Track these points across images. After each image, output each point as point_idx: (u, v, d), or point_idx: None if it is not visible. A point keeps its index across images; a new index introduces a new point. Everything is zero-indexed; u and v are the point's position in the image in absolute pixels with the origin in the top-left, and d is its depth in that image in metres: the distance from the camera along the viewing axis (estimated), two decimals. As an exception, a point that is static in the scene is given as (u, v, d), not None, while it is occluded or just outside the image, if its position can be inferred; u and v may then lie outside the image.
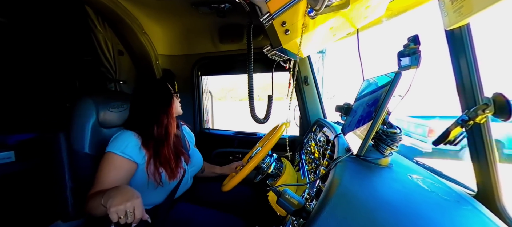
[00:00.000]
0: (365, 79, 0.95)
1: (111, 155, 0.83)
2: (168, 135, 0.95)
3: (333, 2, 0.65)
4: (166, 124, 0.96)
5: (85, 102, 0.98)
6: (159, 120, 0.95)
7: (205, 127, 2.22)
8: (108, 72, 1.71)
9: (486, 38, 7.97)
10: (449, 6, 0.56)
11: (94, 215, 0.76)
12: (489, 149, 0.60)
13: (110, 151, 0.84)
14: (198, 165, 1.16)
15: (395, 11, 1.01)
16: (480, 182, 0.63)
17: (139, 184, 0.90)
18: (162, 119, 0.95)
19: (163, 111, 0.96)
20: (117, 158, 0.83)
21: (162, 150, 0.91)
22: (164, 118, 0.95)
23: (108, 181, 0.80)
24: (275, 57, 1.17)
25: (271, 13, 0.77)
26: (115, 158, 0.83)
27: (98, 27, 1.57)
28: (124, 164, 0.84)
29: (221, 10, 1.34)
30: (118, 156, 0.83)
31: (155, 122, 0.94)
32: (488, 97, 0.51)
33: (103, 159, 0.83)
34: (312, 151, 1.10)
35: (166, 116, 0.97)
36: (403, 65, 0.66)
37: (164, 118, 0.96)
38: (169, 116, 0.98)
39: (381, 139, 0.66)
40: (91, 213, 0.76)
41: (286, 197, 0.51)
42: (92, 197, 0.76)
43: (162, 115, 0.96)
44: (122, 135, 0.88)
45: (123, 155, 0.83)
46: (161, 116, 0.95)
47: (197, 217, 0.96)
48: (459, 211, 0.51)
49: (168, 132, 0.96)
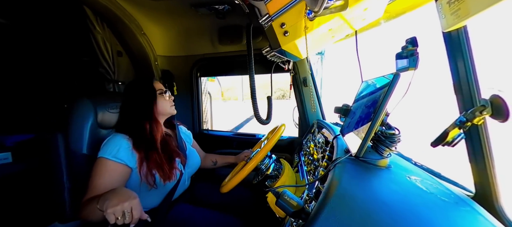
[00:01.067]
0: (363, 80, 0.96)
1: (103, 160, 0.82)
2: (154, 137, 0.93)
3: (332, 4, 0.66)
4: (150, 125, 0.93)
5: (84, 103, 0.98)
6: (145, 118, 0.94)
7: (204, 128, 2.21)
8: (107, 73, 1.70)
9: (484, 40, 8.03)
10: (447, 9, 0.56)
11: (90, 220, 0.74)
12: (487, 150, 0.61)
13: (102, 156, 0.82)
14: (195, 165, 1.16)
15: (393, 13, 1.02)
16: (478, 183, 0.64)
17: (133, 187, 0.89)
18: (145, 120, 0.94)
19: (145, 113, 0.95)
20: (109, 163, 0.81)
21: (151, 154, 0.89)
22: (146, 119, 0.94)
23: (102, 186, 0.78)
24: (274, 59, 1.18)
25: (270, 14, 0.77)
26: (107, 163, 0.81)
27: (97, 27, 1.57)
28: (117, 168, 0.83)
29: (221, 11, 1.34)
30: (111, 161, 0.81)
31: (143, 120, 0.93)
32: (485, 99, 0.52)
33: (95, 164, 0.82)
34: (311, 152, 1.10)
35: (149, 117, 0.95)
36: (401, 67, 0.66)
37: (147, 119, 0.94)
38: (152, 117, 0.96)
39: (379, 140, 0.66)
40: (86, 219, 0.74)
41: (285, 198, 0.51)
42: (87, 203, 0.75)
43: (144, 116, 0.94)
44: (113, 139, 0.86)
45: (115, 160, 0.82)
46: (143, 117, 0.94)
47: (196, 218, 0.95)
48: (458, 212, 0.51)
49: (153, 134, 0.93)
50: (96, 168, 0.81)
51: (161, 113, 1.02)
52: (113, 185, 0.79)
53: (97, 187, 0.78)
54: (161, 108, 1.01)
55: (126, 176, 0.86)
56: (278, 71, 1.54)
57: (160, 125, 0.99)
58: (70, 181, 0.94)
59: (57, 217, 0.94)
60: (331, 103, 1.19)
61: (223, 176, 1.24)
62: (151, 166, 0.88)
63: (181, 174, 1.01)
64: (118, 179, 0.82)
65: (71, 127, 0.94)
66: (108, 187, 0.77)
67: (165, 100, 1.03)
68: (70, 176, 0.94)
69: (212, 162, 1.33)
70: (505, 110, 0.47)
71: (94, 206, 0.67)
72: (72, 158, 0.94)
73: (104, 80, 1.72)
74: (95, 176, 0.80)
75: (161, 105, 1.01)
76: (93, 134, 0.99)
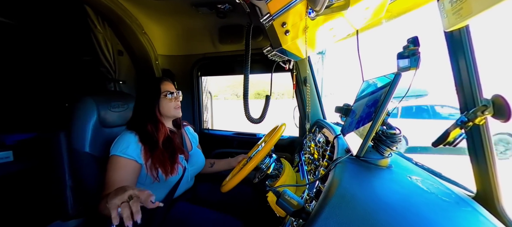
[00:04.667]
0: (364, 80, 0.95)
1: (115, 158, 0.87)
2: (156, 136, 0.95)
3: (333, 3, 0.66)
4: (152, 126, 0.96)
5: (86, 102, 0.98)
6: (148, 119, 0.97)
7: (205, 127, 2.22)
8: (108, 72, 1.71)
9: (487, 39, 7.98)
10: (449, 8, 0.56)
11: (106, 215, 0.77)
12: (488, 150, 0.60)
13: (113, 154, 0.87)
14: (199, 165, 1.16)
15: (395, 12, 1.01)
16: (480, 184, 0.63)
17: (140, 180, 0.93)
18: (148, 120, 0.97)
19: (148, 113, 0.98)
20: (120, 160, 0.86)
21: (154, 151, 0.93)
22: (149, 119, 0.97)
23: (116, 182, 0.83)
24: (275, 58, 1.18)
25: (272, 14, 0.77)
26: (118, 160, 0.86)
27: (98, 27, 1.57)
28: (128, 164, 0.87)
29: (221, 10, 1.34)
30: (121, 157, 0.86)
31: (146, 121, 0.97)
32: (487, 99, 0.51)
33: (109, 163, 0.87)
34: (312, 151, 1.10)
35: (151, 117, 0.98)
36: (403, 67, 0.66)
37: (149, 119, 0.97)
38: (154, 117, 0.98)
39: (380, 140, 0.66)
40: (103, 213, 0.79)
41: (285, 197, 0.51)
42: (103, 198, 0.80)
43: (147, 116, 0.98)
44: (122, 137, 0.91)
45: (125, 156, 0.86)
46: (146, 117, 0.98)
47: (196, 217, 0.96)
48: (459, 212, 0.51)
49: (155, 134, 0.96)
50: (109, 166, 0.86)
51: (164, 115, 1.04)
52: (125, 180, 0.84)
53: (112, 182, 0.82)
54: (164, 110, 1.02)
55: (137, 171, 0.90)
56: (278, 70, 1.54)
57: (163, 125, 1.00)
58: (72, 179, 0.94)
59: (59, 215, 0.95)
60: (332, 102, 1.19)
61: (224, 175, 1.24)
62: (154, 161, 0.92)
63: (184, 169, 1.02)
64: (130, 174, 0.87)
65: (73, 126, 0.95)
66: (123, 182, 0.82)
67: (169, 103, 1.03)
68: (72, 174, 0.94)
69: (210, 164, 1.33)
70: (507, 110, 0.46)
71: (105, 202, 0.68)
72: (74, 157, 0.94)
73: (105, 80, 1.72)
74: (109, 172, 0.85)
75: (164, 107, 1.02)
76: (96, 132, 0.99)
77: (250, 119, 1.11)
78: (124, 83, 1.81)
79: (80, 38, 1.69)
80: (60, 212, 0.94)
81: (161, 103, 1.01)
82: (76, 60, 1.87)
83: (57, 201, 0.93)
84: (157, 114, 0.99)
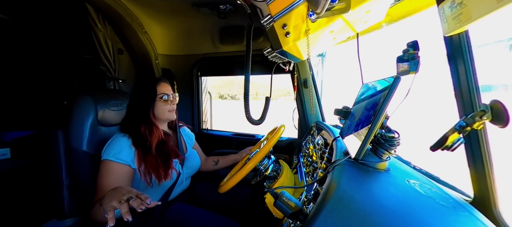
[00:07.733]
0: (364, 83, 0.95)
1: (106, 163, 0.84)
2: (149, 140, 0.92)
3: (334, 6, 0.66)
4: (146, 128, 0.93)
5: (84, 100, 0.98)
6: (141, 121, 0.94)
7: (204, 128, 2.21)
8: (107, 71, 1.71)
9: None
10: (449, 14, 0.56)
11: (98, 220, 0.75)
12: (486, 155, 0.61)
13: (105, 159, 0.84)
14: (194, 166, 1.15)
15: (395, 16, 1.02)
16: (477, 188, 0.64)
17: (134, 183, 0.91)
18: (141, 122, 0.94)
19: (141, 115, 0.95)
20: (112, 165, 0.84)
21: (147, 156, 0.90)
22: (142, 121, 0.94)
23: (108, 188, 0.79)
24: (275, 59, 1.18)
25: (272, 15, 0.77)
26: (111, 165, 0.84)
27: (98, 25, 1.57)
28: (121, 169, 0.85)
29: (222, 11, 1.34)
30: (113, 163, 0.84)
31: (140, 122, 0.94)
32: (485, 104, 0.52)
33: (101, 167, 0.85)
34: (310, 153, 1.10)
35: (145, 119, 0.95)
36: (402, 70, 0.66)
37: (143, 121, 0.94)
38: (148, 120, 0.95)
39: (379, 143, 0.66)
40: (94, 218, 0.77)
41: (283, 199, 0.51)
42: (95, 203, 0.77)
43: (141, 118, 0.95)
44: (114, 140, 0.88)
45: (117, 161, 0.84)
46: (140, 119, 0.95)
47: (193, 218, 0.95)
48: (456, 217, 0.51)
49: (148, 137, 0.92)
50: (102, 171, 0.84)
51: (158, 117, 1.01)
52: (118, 185, 0.80)
53: (104, 188, 0.80)
54: (158, 113, 0.99)
55: (131, 176, 0.88)
56: (278, 72, 1.54)
57: (157, 128, 0.97)
58: (69, 178, 0.94)
59: (56, 213, 0.94)
60: (331, 105, 1.19)
61: (222, 176, 1.24)
62: (147, 167, 0.89)
63: (178, 174, 1.01)
64: (123, 179, 0.85)
65: (71, 124, 0.94)
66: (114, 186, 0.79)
67: (164, 106, 1.00)
68: (69, 173, 0.94)
69: (214, 162, 1.32)
70: (505, 115, 0.47)
71: (98, 206, 0.68)
72: (71, 155, 0.94)
73: (104, 78, 1.72)
74: (101, 177, 0.83)
75: (158, 110, 0.99)
76: (93, 131, 0.99)
77: (251, 120, 1.11)
78: (124, 82, 1.81)
79: (80, 36, 1.69)
80: (57, 210, 0.93)
81: (155, 105, 0.98)
82: (75, 58, 1.87)
83: (53, 199, 0.92)
84: (151, 116, 0.96)
